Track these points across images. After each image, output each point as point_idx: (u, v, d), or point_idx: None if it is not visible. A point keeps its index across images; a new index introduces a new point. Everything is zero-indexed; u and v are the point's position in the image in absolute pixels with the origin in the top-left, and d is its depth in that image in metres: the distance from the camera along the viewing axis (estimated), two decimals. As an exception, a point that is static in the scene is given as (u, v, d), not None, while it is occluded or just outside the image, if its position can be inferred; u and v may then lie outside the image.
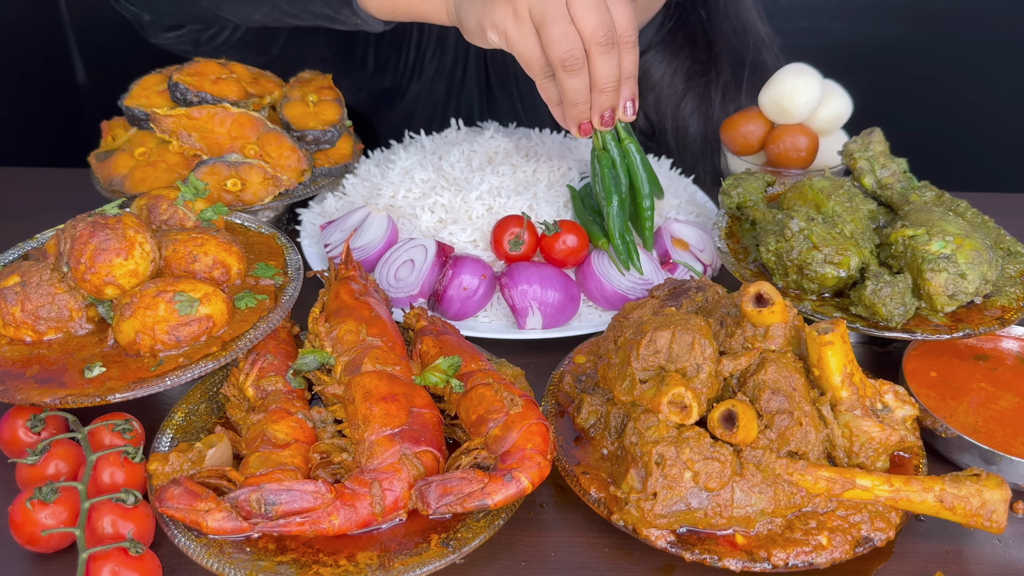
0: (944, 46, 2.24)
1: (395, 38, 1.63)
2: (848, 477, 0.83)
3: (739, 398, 0.86)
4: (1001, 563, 0.86)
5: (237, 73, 1.36)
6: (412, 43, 1.64)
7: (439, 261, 1.17)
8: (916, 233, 1.02)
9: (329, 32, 1.53)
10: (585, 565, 0.85)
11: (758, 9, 1.64)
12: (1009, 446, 0.93)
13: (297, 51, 1.53)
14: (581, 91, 1.11)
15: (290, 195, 1.29)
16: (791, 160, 1.32)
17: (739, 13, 1.60)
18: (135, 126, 1.31)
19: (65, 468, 0.88)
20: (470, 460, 0.86)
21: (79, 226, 0.95)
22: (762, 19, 1.65)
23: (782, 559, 0.80)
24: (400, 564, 0.79)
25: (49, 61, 2.23)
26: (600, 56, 1.08)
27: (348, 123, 1.40)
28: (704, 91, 1.63)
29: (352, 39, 1.58)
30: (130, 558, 0.78)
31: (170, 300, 0.93)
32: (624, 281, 1.17)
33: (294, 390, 0.95)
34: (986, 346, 1.07)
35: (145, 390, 0.89)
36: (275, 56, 1.50)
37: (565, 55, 1.07)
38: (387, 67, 1.64)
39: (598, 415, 0.93)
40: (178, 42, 1.41)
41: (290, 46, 1.51)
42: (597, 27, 1.06)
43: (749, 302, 0.88)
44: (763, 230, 1.11)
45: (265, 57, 1.49)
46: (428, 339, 1.00)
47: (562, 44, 1.06)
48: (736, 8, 1.60)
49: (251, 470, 0.83)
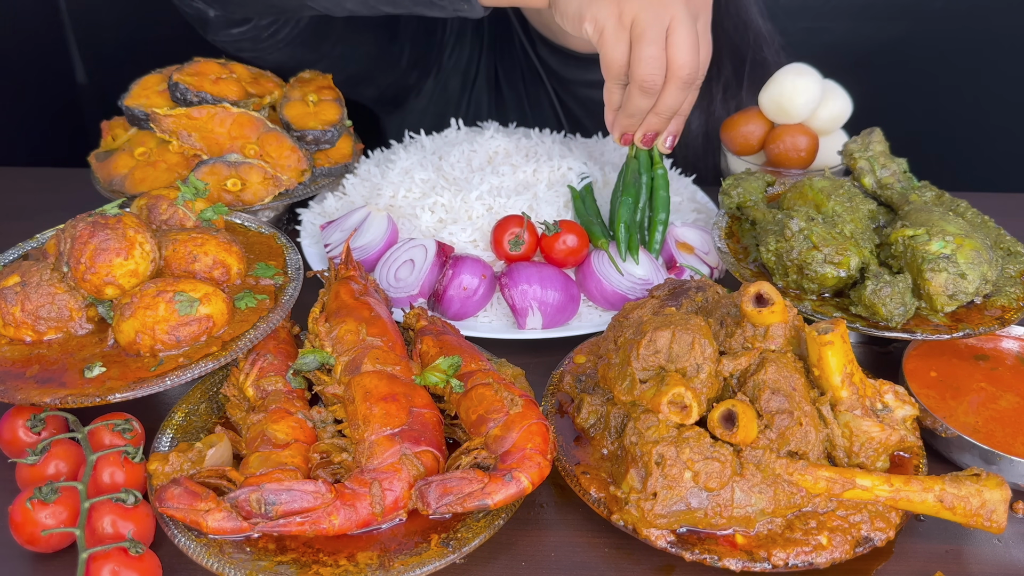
0: (944, 46, 2.24)
1: (427, 34, 1.63)
2: (848, 477, 0.83)
3: (739, 398, 0.86)
4: (1001, 563, 0.86)
5: (237, 73, 1.36)
6: (438, 39, 1.65)
7: (439, 261, 1.17)
8: (916, 233, 1.02)
9: (376, 30, 1.54)
10: (585, 565, 0.85)
11: (759, 6, 1.64)
12: (1009, 446, 0.93)
13: (346, 48, 1.53)
14: (644, 110, 1.15)
15: (290, 195, 1.29)
16: (791, 160, 1.32)
17: (740, 10, 1.60)
18: (135, 126, 1.31)
19: (65, 468, 0.88)
20: (470, 460, 0.86)
21: (79, 226, 0.95)
22: (763, 16, 1.65)
23: (782, 559, 0.80)
24: (400, 564, 0.79)
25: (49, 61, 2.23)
26: (675, 90, 1.12)
27: (348, 123, 1.40)
28: (705, 88, 1.63)
29: (393, 36, 1.59)
30: (130, 558, 0.78)
31: (170, 300, 0.93)
32: (624, 281, 1.17)
33: (294, 390, 0.95)
34: (986, 346, 1.07)
35: (145, 390, 0.89)
36: (325, 52, 1.50)
37: (647, 77, 1.10)
38: (417, 63, 1.65)
39: (598, 415, 0.93)
40: (239, 39, 1.41)
41: (340, 43, 1.52)
42: (686, 64, 1.09)
43: (749, 302, 0.88)
44: (763, 230, 1.11)
45: (317, 54, 1.49)
46: (428, 339, 1.00)
47: (649, 66, 1.09)
48: (737, 6, 1.59)
49: (251, 470, 0.83)
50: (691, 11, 1.09)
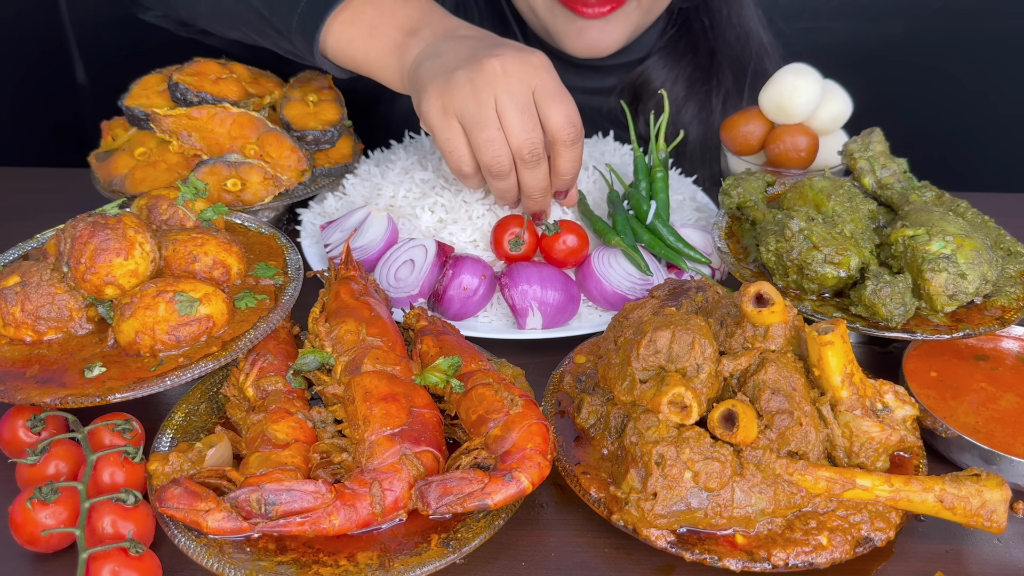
0: (944, 46, 2.25)
1: None
2: (848, 477, 0.83)
3: (739, 398, 0.86)
4: (1001, 563, 0.86)
5: (237, 73, 1.36)
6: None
7: (439, 261, 1.17)
8: (916, 233, 1.02)
9: None
10: (585, 565, 0.85)
11: (760, 17, 1.64)
12: (1009, 446, 0.93)
13: None
14: (509, 191, 1.14)
15: (290, 195, 1.29)
16: (791, 160, 1.32)
17: (742, 20, 1.60)
18: (135, 126, 1.31)
19: (65, 468, 0.88)
20: (470, 460, 0.86)
21: (79, 226, 0.95)
22: (764, 27, 1.65)
23: (782, 559, 0.80)
24: (400, 564, 0.79)
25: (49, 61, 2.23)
26: (526, 170, 1.10)
27: (348, 123, 1.40)
28: (705, 98, 1.63)
29: None
30: (130, 558, 0.78)
31: (170, 300, 0.93)
32: (624, 281, 1.17)
33: (294, 390, 0.95)
34: (986, 346, 1.07)
35: (145, 390, 0.89)
36: None
37: (491, 161, 1.08)
38: None
39: (598, 415, 0.93)
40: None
41: None
42: (522, 144, 1.07)
43: (749, 302, 0.88)
44: (763, 230, 1.11)
45: None
46: (428, 339, 1.00)
47: (488, 151, 1.07)
48: (739, 15, 1.59)
49: (251, 470, 0.83)
50: (516, 86, 1.05)
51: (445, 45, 1.11)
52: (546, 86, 1.08)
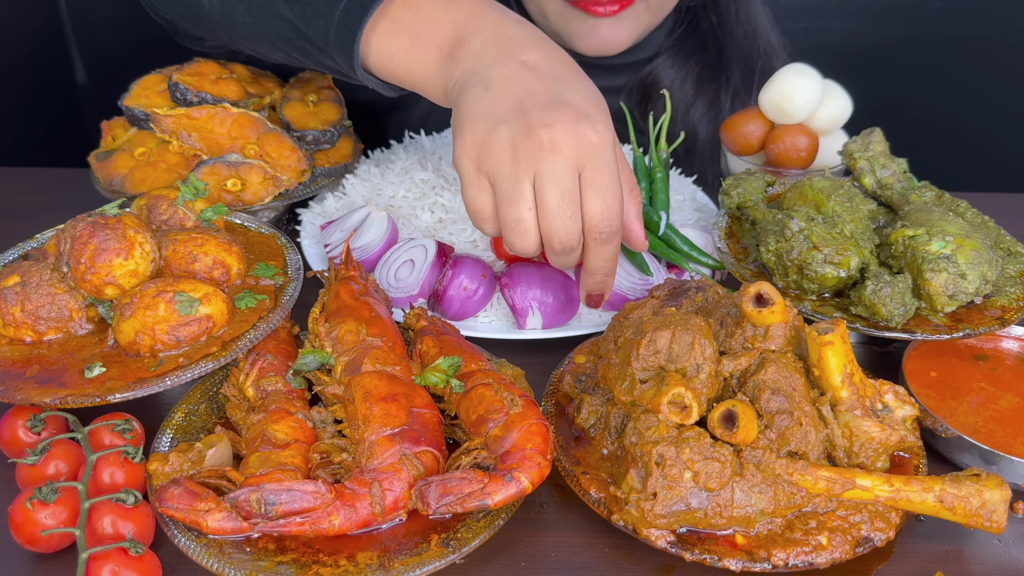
0: (944, 46, 2.25)
1: None
2: (848, 477, 0.83)
3: (739, 398, 0.86)
4: (1001, 563, 0.86)
5: (237, 73, 1.36)
6: None
7: (439, 261, 1.17)
8: (916, 233, 1.02)
9: None
10: (585, 565, 0.85)
11: (768, 15, 1.64)
12: (1009, 446, 0.93)
13: None
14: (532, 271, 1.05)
15: (290, 195, 1.29)
16: (791, 160, 1.32)
17: (750, 19, 1.60)
18: (135, 126, 1.31)
19: (65, 468, 0.87)
20: (470, 460, 0.86)
21: (79, 226, 0.95)
22: (772, 25, 1.64)
23: (782, 559, 0.80)
24: (400, 564, 0.79)
25: (49, 61, 2.23)
26: (553, 256, 0.98)
27: (348, 123, 1.40)
28: (714, 97, 1.63)
29: None
30: (130, 558, 0.78)
31: (170, 300, 0.93)
32: (624, 281, 1.17)
33: (294, 390, 0.95)
34: (986, 346, 1.07)
35: (145, 390, 0.89)
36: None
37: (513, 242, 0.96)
38: None
39: (598, 415, 0.93)
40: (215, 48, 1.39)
41: None
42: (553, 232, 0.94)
43: (749, 302, 0.88)
44: (763, 230, 1.11)
45: None
46: (428, 339, 1.00)
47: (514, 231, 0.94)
48: (747, 14, 1.59)
49: (251, 470, 0.83)
50: (561, 166, 0.91)
51: (496, 72, 0.95)
52: (596, 169, 0.93)
